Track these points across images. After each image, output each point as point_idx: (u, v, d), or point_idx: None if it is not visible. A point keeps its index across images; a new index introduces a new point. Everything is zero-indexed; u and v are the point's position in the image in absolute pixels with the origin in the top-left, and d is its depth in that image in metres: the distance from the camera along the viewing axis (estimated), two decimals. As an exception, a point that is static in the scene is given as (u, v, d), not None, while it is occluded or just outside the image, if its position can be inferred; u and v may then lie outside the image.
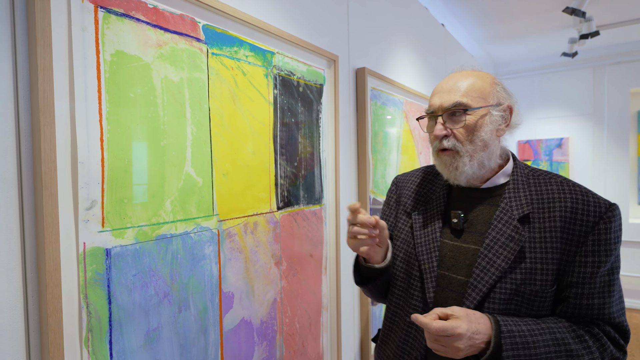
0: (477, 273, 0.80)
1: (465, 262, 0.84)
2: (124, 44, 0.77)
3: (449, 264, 0.86)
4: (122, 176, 0.76)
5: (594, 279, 0.76)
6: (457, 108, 0.82)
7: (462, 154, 0.83)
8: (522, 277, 0.78)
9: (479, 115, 0.82)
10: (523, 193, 0.84)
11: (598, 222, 0.77)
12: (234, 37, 1.02)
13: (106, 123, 0.74)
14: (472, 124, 0.82)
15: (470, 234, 0.86)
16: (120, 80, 0.76)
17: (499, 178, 0.87)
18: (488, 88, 0.84)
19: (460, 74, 0.87)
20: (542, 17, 3.33)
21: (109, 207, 0.74)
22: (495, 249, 0.80)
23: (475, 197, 0.88)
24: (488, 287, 0.78)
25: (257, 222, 1.10)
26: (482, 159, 0.84)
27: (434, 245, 0.88)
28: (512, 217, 0.81)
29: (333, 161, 1.43)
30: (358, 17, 1.65)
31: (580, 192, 0.80)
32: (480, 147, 0.83)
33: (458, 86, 0.84)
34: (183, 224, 0.89)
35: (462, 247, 0.85)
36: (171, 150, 0.86)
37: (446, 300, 0.84)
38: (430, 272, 0.86)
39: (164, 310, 0.84)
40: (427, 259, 0.88)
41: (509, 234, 0.80)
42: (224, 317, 0.99)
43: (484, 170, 0.86)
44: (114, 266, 0.75)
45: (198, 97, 0.92)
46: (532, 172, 0.88)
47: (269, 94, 1.14)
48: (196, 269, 0.92)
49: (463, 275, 0.83)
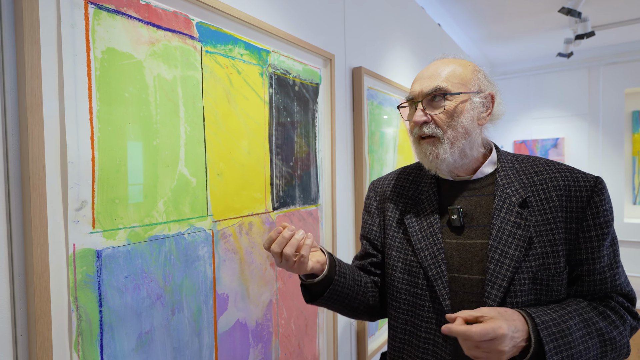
0: (493, 268, 0.76)
1: (475, 259, 0.79)
2: (116, 41, 0.75)
3: (457, 264, 0.81)
4: (114, 176, 0.75)
5: (602, 252, 0.76)
6: (437, 92, 0.80)
7: (442, 140, 0.80)
8: (536, 264, 0.75)
9: (459, 101, 0.80)
10: (515, 178, 0.82)
11: (592, 196, 0.76)
12: (229, 35, 1.01)
13: (97, 122, 0.72)
14: (452, 109, 0.80)
15: (472, 229, 0.82)
16: (111, 78, 0.74)
17: (486, 167, 0.85)
18: (469, 75, 0.82)
19: (441, 61, 0.86)
20: (538, 17, 3.34)
21: (100, 207, 0.73)
22: (505, 239, 0.77)
23: (468, 189, 0.85)
24: (507, 280, 0.74)
25: (253, 223, 1.08)
26: (464, 147, 0.81)
27: (438, 248, 0.82)
28: (512, 203, 0.79)
29: (329, 161, 1.42)
30: (354, 16, 1.64)
31: (567, 170, 0.81)
32: (462, 133, 0.80)
33: (439, 72, 0.82)
34: (176, 225, 0.87)
35: (468, 243, 0.81)
36: (164, 149, 0.84)
37: (462, 304, 0.79)
38: (441, 277, 0.80)
39: (156, 312, 0.82)
40: (434, 263, 0.81)
41: (514, 221, 0.77)
42: (219, 319, 0.98)
43: (466, 159, 0.83)
44: (105, 268, 0.73)
45: (192, 96, 0.91)
46: (515, 158, 0.87)
47: (264, 93, 1.12)
48: (190, 270, 0.90)
49: (476, 273, 0.78)
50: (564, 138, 4.54)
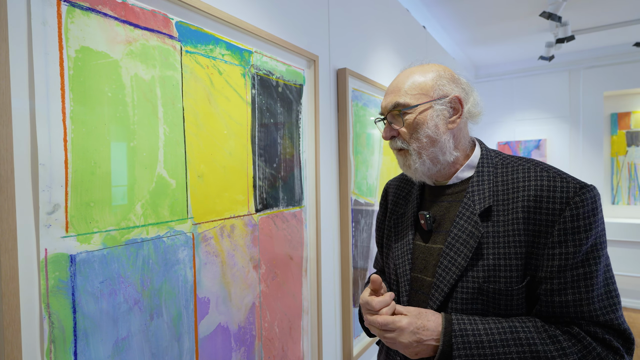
0: (440, 272, 0.79)
1: (432, 263, 0.83)
2: (90, 39, 0.73)
3: (421, 266, 0.85)
4: (88, 178, 0.73)
5: (565, 272, 0.69)
6: (396, 109, 0.82)
7: (410, 152, 0.83)
8: (484, 275, 0.75)
9: (417, 112, 0.81)
10: (488, 185, 0.80)
11: (564, 209, 0.70)
12: (210, 34, 0.99)
13: (70, 122, 0.70)
14: (411, 122, 0.81)
15: (438, 234, 0.85)
16: (86, 78, 0.72)
17: (463, 172, 0.85)
18: (429, 82, 0.82)
19: (405, 72, 0.87)
20: (520, 21, 3.40)
21: (74, 211, 0.70)
22: (457, 247, 0.78)
23: (442, 194, 0.87)
24: (449, 286, 0.77)
25: (235, 225, 1.07)
26: (433, 154, 0.82)
27: (407, 249, 0.88)
28: (473, 212, 0.79)
29: (313, 162, 1.42)
30: (339, 17, 1.64)
31: (547, 177, 0.74)
32: (427, 143, 0.81)
33: (399, 86, 0.84)
34: (155, 228, 0.85)
35: (432, 247, 0.84)
36: (142, 151, 0.82)
37: (418, 303, 0.83)
38: (404, 276, 0.86)
39: (134, 318, 0.81)
40: (402, 263, 0.87)
41: (470, 230, 0.77)
42: (199, 324, 0.96)
43: (439, 165, 0.84)
44: (79, 273, 0.71)
45: (171, 96, 0.89)
46: (501, 161, 0.84)
47: (246, 94, 1.11)
48: (169, 274, 0.88)
49: (430, 276, 0.82)
50: (546, 139, 4.63)
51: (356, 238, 1.74)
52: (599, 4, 3.06)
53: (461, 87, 0.84)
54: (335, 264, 1.61)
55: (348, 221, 1.64)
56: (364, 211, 1.83)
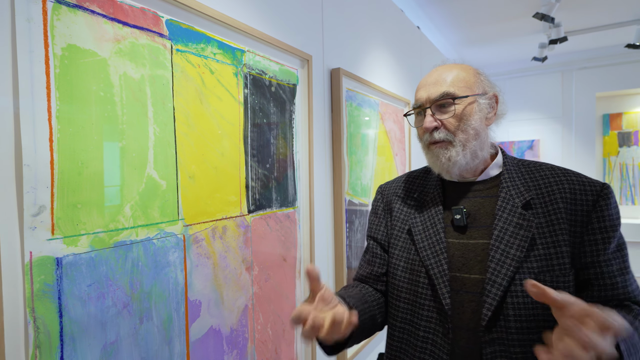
0: (493, 267, 0.76)
1: (477, 259, 0.80)
2: (77, 37, 0.71)
3: (459, 263, 0.81)
4: (75, 179, 0.71)
5: (608, 255, 0.75)
6: (445, 98, 0.82)
7: (454, 143, 0.82)
8: (539, 265, 0.75)
9: (467, 103, 0.82)
10: (520, 181, 0.83)
11: (597, 200, 0.77)
12: (201, 33, 0.98)
13: (56, 122, 0.68)
14: (461, 112, 0.82)
15: (475, 229, 0.82)
16: (72, 76, 0.71)
17: (492, 169, 0.87)
18: (472, 78, 0.84)
19: (443, 67, 0.87)
20: (514, 22, 3.42)
21: (60, 212, 0.69)
22: (506, 239, 0.77)
23: (472, 190, 0.86)
24: (507, 279, 0.75)
25: (227, 226, 1.06)
26: (475, 148, 0.83)
27: (441, 247, 0.82)
28: (515, 204, 0.80)
29: (307, 163, 1.41)
30: (332, 17, 1.63)
31: (574, 174, 0.81)
32: (472, 135, 0.82)
33: (443, 78, 0.84)
34: (145, 230, 0.84)
35: (470, 243, 0.81)
36: (131, 151, 0.81)
37: (462, 303, 0.79)
38: (442, 276, 0.80)
39: (123, 321, 0.79)
40: (436, 262, 0.82)
41: (517, 222, 0.78)
42: (191, 327, 0.94)
43: (477, 160, 0.85)
44: (65, 276, 0.69)
45: (161, 96, 0.87)
46: (521, 162, 0.88)
47: (238, 94, 1.10)
48: (160, 276, 0.87)
49: (477, 272, 0.79)
50: (539, 140, 4.66)
51: (350, 239, 1.73)
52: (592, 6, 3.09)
53: (495, 87, 0.88)
54: (329, 265, 1.60)
55: (342, 222, 1.63)
56: (358, 211, 1.82)
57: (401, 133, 2.33)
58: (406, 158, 2.40)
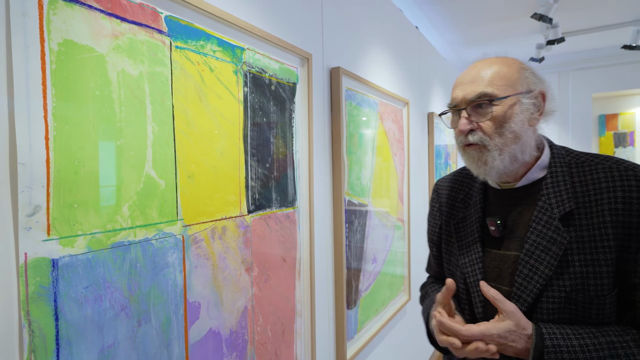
0: (520, 282, 0.73)
1: (508, 271, 0.76)
2: (74, 32, 0.70)
3: (494, 274, 0.79)
4: (72, 178, 0.69)
5: None
6: (482, 100, 0.75)
7: (490, 148, 0.75)
8: (571, 284, 0.69)
9: (507, 105, 0.74)
10: (564, 187, 0.74)
11: None
12: (201, 30, 0.96)
13: (52, 120, 0.66)
14: (500, 115, 0.74)
15: (511, 240, 0.78)
16: (69, 73, 0.69)
17: (534, 173, 0.79)
18: (515, 74, 0.76)
19: (482, 62, 0.79)
20: (511, 22, 3.42)
21: (56, 212, 0.67)
22: (537, 254, 0.72)
23: (511, 198, 0.80)
24: (533, 296, 0.71)
25: (226, 227, 1.04)
26: (514, 151, 0.76)
27: (477, 256, 0.81)
28: (552, 216, 0.73)
29: (307, 162, 1.39)
30: (332, 15, 1.62)
31: (635, 177, 0.69)
32: (511, 139, 0.75)
33: (481, 75, 0.76)
34: (143, 230, 0.82)
35: (505, 255, 0.78)
36: (129, 150, 0.79)
37: (494, 313, 0.75)
38: (476, 287, 0.79)
39: (120, 324, 0.77)
40: (472, 271, 0.80)
41: (550, 236, 0.72)
42: (190, 329, 0.93)
43: (517, 164, 0.78)
44: (61, 278, 0.67)
45: (160, 94, 0.86)
46: (574, 160, 0.78)
47: (238, 92, 1.08)
48: (158, 278, 0.85)
49: (507, 285, 0.76)
50: (536, 140, 4.68)
51: (350, 239, 1.72)
52: (589, 7, 3.10)
53: (544, 83, 0.79)
54: (329, 266, 1.59)
55: (342, 222, 1.62)
56: (358, 212, 1.81)
57: (400, 133, 2.32)
58: (405, 158, 2.39)
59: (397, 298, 2.28)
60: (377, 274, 2.00)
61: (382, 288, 2.06)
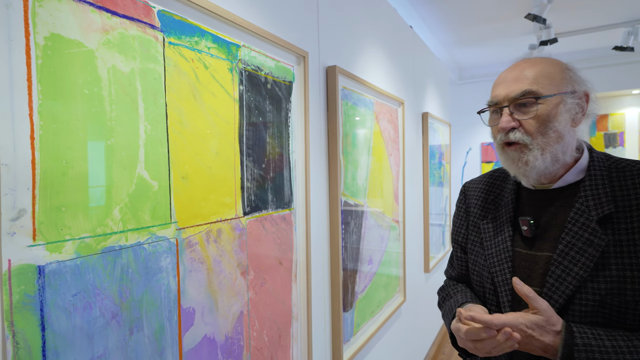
0: (552, 282, 0.72)
1: (539, 272, 0.75)
2: (62, 26, 0.66)
3: (524, 275, 0.77)
4: (59, 180, 0.65)
5: None
6: (526, 97, 0.74)
7: (531, 147, 0.74)
8: (607, 287, 0.68)
9: (552, 104, 0.73)
10: (603, 190, 0.73)
11: None
12: (195, 26, 0.93)
13: (38, 118, 0.62)
14: (544, 113, 0.73)
15: (544, 241, 0.77)
16: (56, 68, 0.65)
17: (571, 175, 0.78)
18: (559, 74, 0.75)
19: (525, 61, 0.79)
20: (504, 23, 3.43)
21: (43, 216, 0.63)
22: (572, 255, 0.71)
23: (546, 199, 0.79)
24: (565, 297, 0.70)
25: (221, 229, 1.01)
26: (556, 152, 0.75)
27: (506, 256, 0.79)
28: (589, 218, 0.72)
29: (303, 163, 1.36)
30: (328, 13, 1.59)
31: None
32: (554, 139, 0.74)
33: (525, 74, 0.75)
34: (135, 234, 0.78)
35: (536, 255, 0.77)
36: (120, 150, 0.75)
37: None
38: (504, 286, 0.78)
39: (111, 333, 0.73)
40: (500, 270, 0.79)
41: (587, 238, 0.70)
42: (184, 336, 0.89)
43: (557, 165, 0.77)
44: (48, 286, 0.64)
45: (153, 91, 0.82)
46: (615, 164, 0.77)
47: (234, 90, 1.05)
48: (151, 284, 0.81)
49: (537, 285, 0.75)
50: (528, 140, 4.70)
51: (346, 241, 1.70)
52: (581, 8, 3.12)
53: (587, 84, 0.78)
54: (325, 268, 1.56)
55: (338, 223, 1.59)
56: (354, 212, 1.78)
57: (395, 133, 2.31)
58: (400, 158, 2.37)
59: (393, 299, 2.26)
60: (373, 275, 1.98)
61: (378, 289, 2.04)
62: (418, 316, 2.81)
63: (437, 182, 3.34)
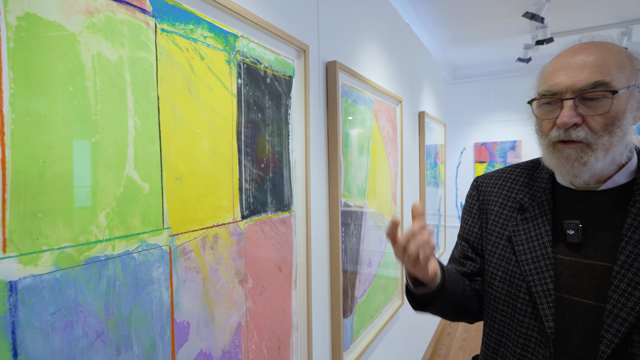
0: (617, 298, 0.64)
1: (593, 283, 0.68)
2: (39, 5, 0.57)
3: (568, 284, 0.70)
4: (35, 182, 0.57)
5: None
6: (597, 90, 0.64)
7: (594, 147, 0.65)
8: None
9: (623, 99, 0.65)
10: None
11: None
12: (190, 12, 0.84)
13: (10, 110, 0.54)
14: (616, 110, 0.64)
15: (593, 248, 0.69)
16: (32, 53, 0.56)
17: (620, 176, 0.70)
18: (629, 64, 0.65)
19: (589, 45, 0.67)
20: (500, 22, 3.41)
21: (15, 224, 0.54)
22: (636, 266, 0.63)
23: (591, 201, 0.71)
24: (635, 315, 0.62)
25: (218, 235, 0.93)
26: (616, 153, 0.67)
27: (547, 263, 0.71)
28: None
29: (303, 163, 1.29)
30: (327, 6, 1.52)
31: None
32: (620, 137, 0.66)
33: (593, 60, 0.64)
34: (123, 242, 0.70)
35: (584, 263, 0.69)
36: (106, 148, 0.67)
37: (569, 328, 0.69)
38: (546, 296, 0.70)
39: (96, 354, 0.65)
40: (539, 279, 0.71)
41: None
42: (178, 353, 0.81)
43: (613, 166, 0.69)
44: (22, 304, 0.55)
45: (143, 82, 0.74)
46: None
47: (231, 84, 0.97)
48: (141, 297, 0.73)
49: (592, 299, 0.67)
50: (521, 140, 4.71)
51: (346, 243, 1.63)
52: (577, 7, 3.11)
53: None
54: (325, 273, 1.49)
55: (338, 226, 1.52)
56: (353, 214, 1.72)
57: (394, 132, 2.25)
58: (398, 158, 2.32)
59: (391, 303, 2.20)
60: (372, 278, 1.92)
61: (377, 293, 1.98)
62: (415, 319, 2.76)
63: (433, 182, 3.30)
